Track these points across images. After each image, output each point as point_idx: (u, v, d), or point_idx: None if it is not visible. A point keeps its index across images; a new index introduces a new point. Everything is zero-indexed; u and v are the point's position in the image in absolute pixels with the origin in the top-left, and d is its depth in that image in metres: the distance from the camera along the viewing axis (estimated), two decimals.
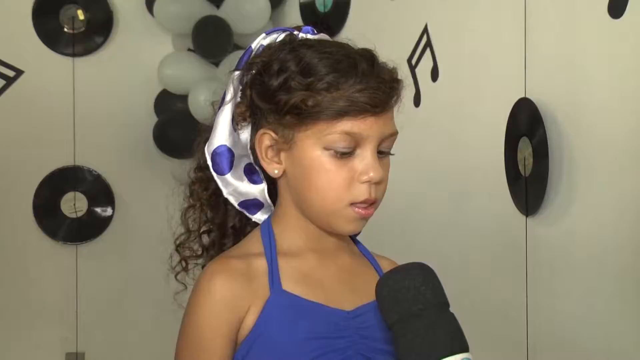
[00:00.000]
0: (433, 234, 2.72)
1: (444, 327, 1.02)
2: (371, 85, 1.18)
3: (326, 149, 1.18)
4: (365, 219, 1.21)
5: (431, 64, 2.74)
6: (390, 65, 1.24)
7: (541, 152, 2.22)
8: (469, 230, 2.57)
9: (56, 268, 3.70)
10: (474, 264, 2.55)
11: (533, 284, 2.27)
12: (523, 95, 2.29)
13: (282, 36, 1.26)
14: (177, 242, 1.32)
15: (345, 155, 1.18)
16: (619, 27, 2.01)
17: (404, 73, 1.26)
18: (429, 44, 2.76)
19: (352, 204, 1.19)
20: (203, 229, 1.32)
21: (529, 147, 2.27)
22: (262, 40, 1.27)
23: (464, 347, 1.02)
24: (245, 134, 1.26)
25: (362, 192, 1.18)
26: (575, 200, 2.16)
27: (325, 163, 1.18)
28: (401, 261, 1.14)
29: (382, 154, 1.21)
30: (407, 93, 1.28)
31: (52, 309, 3.64)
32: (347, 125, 1.17)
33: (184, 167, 1.37)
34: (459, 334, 1.03)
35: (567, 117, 2.18)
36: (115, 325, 3.69)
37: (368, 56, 1.22)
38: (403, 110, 1.25)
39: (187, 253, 1.32)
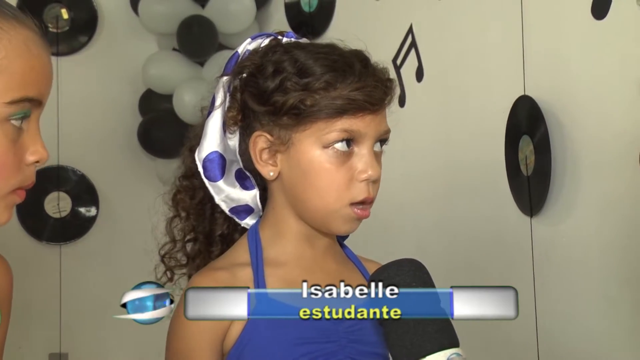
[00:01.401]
0: (418, 237, 2.71)
1: (434, 322, 1.02)
2: (368, 83, 1.19)
3: (325, 147, 1.19)
4: (361, 219, 1.22)
5: (416, 64, 2.75)
6: (381, 65, 1.25)
7: (543, 150, 2.16)
8: (462, 232, 2.55)
9: (40, 268, 3.67)
10: (473, 267, 2.50)
11: (541, 287, 2.20)
12: (522, 93, 2.24)
13: (266, 41, 1.28)
14: (162, 252, 1.32)
15: (344, 153, 1.19)
16: (602, 28, 2.01)
17: (393, 73, 1.28)
18: (414, 45, 2.76)
19: (351, 204, 1.20)
20: (188, 237, 1.31)
21: (529, 145, 2.21)
22: (247, 45, 1.28)
23: (454, 342, 1.03)
24: (233, 140, 1.27)
25: (361, 190, 1.20)
26: (580, 197, 2.10)
27: (325, 162, 1.19)
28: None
29: (379, 147, 1.23)
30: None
31: (35, 310, 3.62)
32: (346, 123, 1.18)
33: (168, 167, 1.37)
34: (449, 329, 1.03)
35: (567, 114, 2.12)
36: (99, 325, 3.66)
37: (361, 56, 1.24)
38: (389, 111, 1.26)
39: (173, 263, 1.32)
